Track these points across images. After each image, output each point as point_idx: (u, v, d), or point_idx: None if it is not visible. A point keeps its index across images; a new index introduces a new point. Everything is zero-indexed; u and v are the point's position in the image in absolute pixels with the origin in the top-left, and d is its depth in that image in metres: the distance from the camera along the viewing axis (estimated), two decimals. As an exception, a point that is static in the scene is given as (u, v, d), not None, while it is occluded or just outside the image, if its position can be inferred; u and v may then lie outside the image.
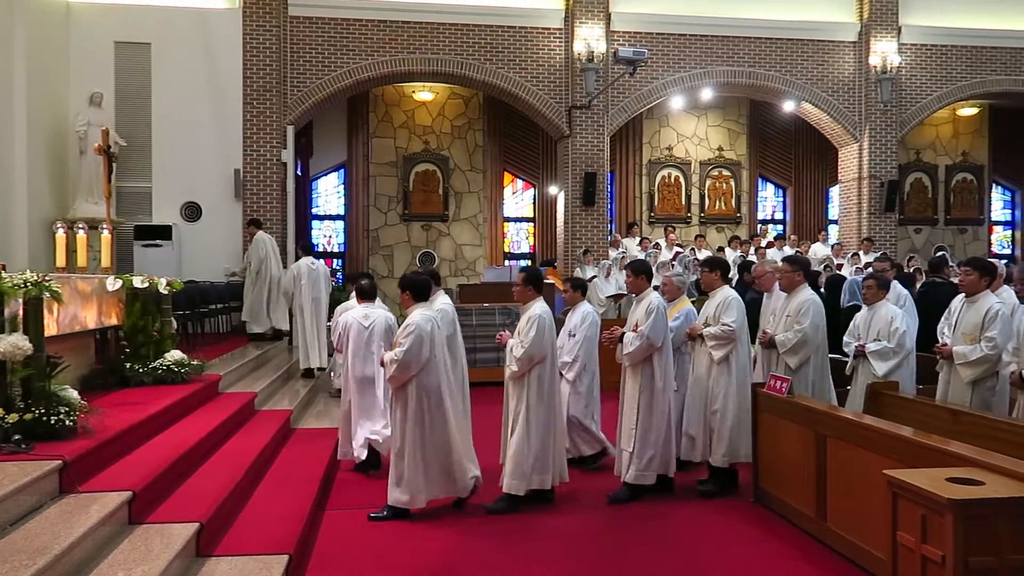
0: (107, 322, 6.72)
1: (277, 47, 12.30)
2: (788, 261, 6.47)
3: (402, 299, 5.66)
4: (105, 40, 11.79)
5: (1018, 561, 3.27)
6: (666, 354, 5.79)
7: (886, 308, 6.19)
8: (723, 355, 5.94)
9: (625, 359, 5.82)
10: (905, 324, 6.04)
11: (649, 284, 5.99)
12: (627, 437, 5.78)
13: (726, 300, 6.02)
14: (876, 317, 6.17)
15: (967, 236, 17.44)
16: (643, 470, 5.72)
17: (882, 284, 6.32)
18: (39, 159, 10.75)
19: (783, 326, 6.10)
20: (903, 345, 5.98)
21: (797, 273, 6.16)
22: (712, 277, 6.26)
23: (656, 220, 16.29)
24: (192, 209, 12.04)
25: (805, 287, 6.18)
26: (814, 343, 5.97)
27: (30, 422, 4.37)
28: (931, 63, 14.57)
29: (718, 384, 5.96)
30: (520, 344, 5.52)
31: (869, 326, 6.21)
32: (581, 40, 13.02)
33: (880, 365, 5.98)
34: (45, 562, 3.19)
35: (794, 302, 6.11)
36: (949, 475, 3.54)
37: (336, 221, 15.88)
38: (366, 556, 4.71)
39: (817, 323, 5.97)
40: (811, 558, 4.71)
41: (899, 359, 5.97)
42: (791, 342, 5.97)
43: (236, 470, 5.27)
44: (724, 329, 5.90)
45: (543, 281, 6.02)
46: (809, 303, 6.01)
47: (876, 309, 6.22)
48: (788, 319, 6.09)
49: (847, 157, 14.92)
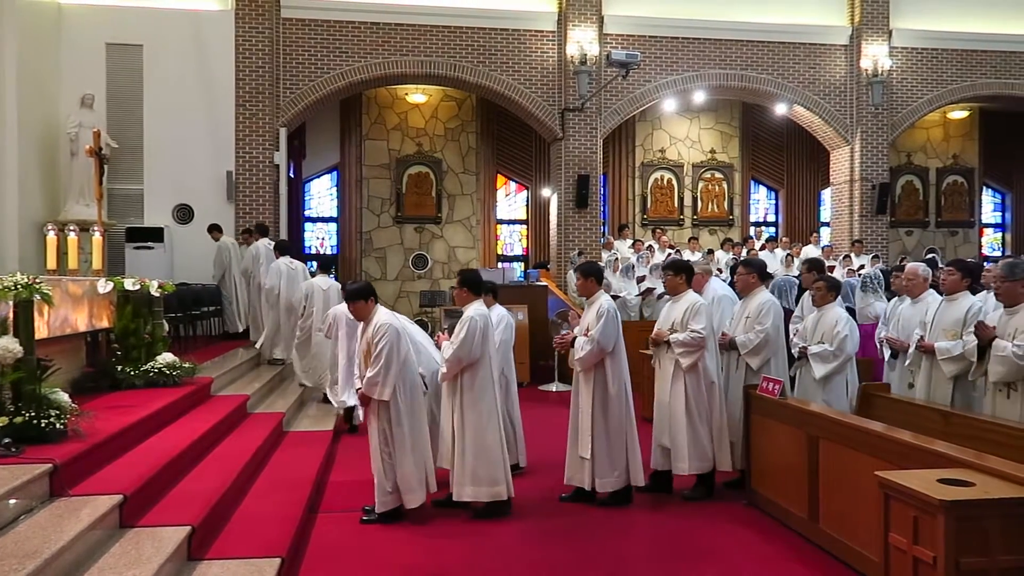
0: (98, 325, 6.69)
1: (270, 49, 12.28)
2: (743, 264, 6.43)
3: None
4: (97, 42, 11.74)
5: (1009, 562, 3.28)
6: (619, 358, 5.69)
7: (833, 311, 6.12)
8: (691, 362, 5.80)
9: (577, 364, 5.71)
10: (848, 329, 5.98)
11: (599, 287, 5.87)
12: (584, 444, 5.65)
13: (694, 305, 5.89)
14: (823, 320, 6.12)
15: (958, 238, 17.53)
16: (603, 476, 5.62)
17: (831, 287, 6.26)
18: (30, 161, 10.69)
19: (743, 328, 6.08)
20: (843, 349, 5.92)
21: (752, 275, 6.16)
22: (676, 281, 6.10)
23: (649, 222, 16.31)
24: (184, 211, 12.00)
25: (762, 289, 6.19)
26: (775, 344, 5.99)
27: (20, 425, 4.35)
28: (922, 66, 14.65)
29: (691, 391, 5.82)
30: (450, 345, 5.50)
31: (816, 328, 6.17)
32: (574, 43, 13.04)
33: (819, 368, 5.94)
34: (35, 566, 3.17)
35: (753, 304, 6.10)
36: (940, 476, 3.56)
37: (329, 223, 15.85)
38: (359, 559, 4.70)
39: (777, 324, 5.99)
40: (804, 559, 4.72)
41: (838, 363, 5.92)
42: (752, 343, 5.96)
43: (228, 473, 5.25)
44: (694, 336, 5.76)
45: (480, 283, 5.85)
46: (769, 304, 6.03)
47: (824, 312, 6.15)
48: (748, 320, 6.07)
49: (839, 160, 14.98)
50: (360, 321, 5.50)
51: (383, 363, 5.20)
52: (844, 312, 6.24)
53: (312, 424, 8.08)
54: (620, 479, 5.67)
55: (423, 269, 15.54)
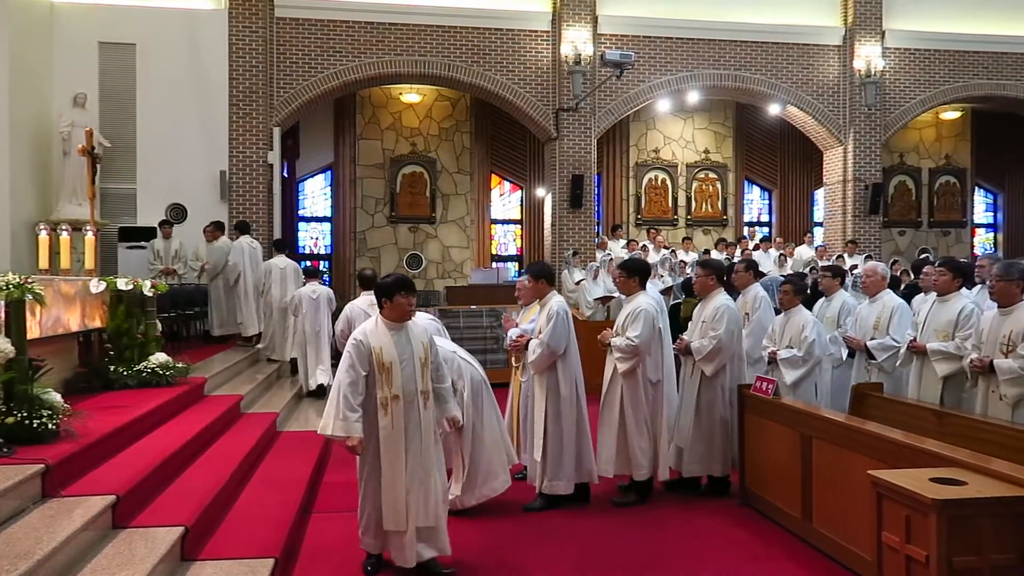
0: (91, 325, 6.66)
1: (263, 48, 12.25)
2: (700, 265, 6.25)
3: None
4: (89, 40, 11.69)
5: (1001, 560, 3.30)
6: (570, 360, 5.63)
7: (800, 315, 6.10)
8: (628, 368, 5.68)
9: (530, 367, 5.67)
10: (816, 333, 5.97)
11: (551, 288, 5.79)
12: (537, 447, 5.62)
13: (635, 311, 5.69)
14: (790, 324, 6.11)
15: (950, 238, 17.61)
16: (554, 479, 5.58)
17: (798, 290, 6.24)
18: (22, 160, 10.64)
19: (699, 332, 5.90)
20: (812, 354, 5.91)
21: (710, 277, 5.99)
22: (630, 283, 5.94)
23: (643, 222, 16.33)
24: (177, 211, 11.96)
25: (720, 292, 5.99)
26: (729, 350, 5.80)
27: (12, 425, 4.32)
28: (914, 67, 14.70)
29: (627, 397, 5.73)
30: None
31: (783, 332, 6.14)
32: (568, 43, 13.04)
33: (789, 373, 5.92)
34: (27, 567, 3.15)
35: (709, 307, 5.92)
36: (933, 475, 3.57)
37: (323, 223, 15.83)
38: (352, 559, 4.69)
39: (732, 329, 5.79)
40: (797, 559, 4.73)
41: (808, 368, 5.91)
42: (706, 349, 5.78)
43: (221, 473, 5.23)
44: (627, 344, 5.61)
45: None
46: (723, 309, 5.81)
47: (790, 315, 6.13)
48: (704, 325, 5.88)
49: (832, 160, 15.03)
50: None
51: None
52: (811, 315, 6.21)
53: (306, 424, 8.06)
54: (570, 483, 5.61)
55: (417, 269, 15.53)
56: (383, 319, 4.35)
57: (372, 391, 4.25)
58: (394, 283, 4.33)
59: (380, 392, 4.23)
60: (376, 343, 4.27)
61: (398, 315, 4.34)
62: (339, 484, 6.32)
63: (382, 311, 4.36)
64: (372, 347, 4.25)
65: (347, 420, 4.14)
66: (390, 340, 4.29)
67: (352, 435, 4.14)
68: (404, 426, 4.26)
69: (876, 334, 6.15)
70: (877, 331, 6.16)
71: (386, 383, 4.23)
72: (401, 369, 4.26)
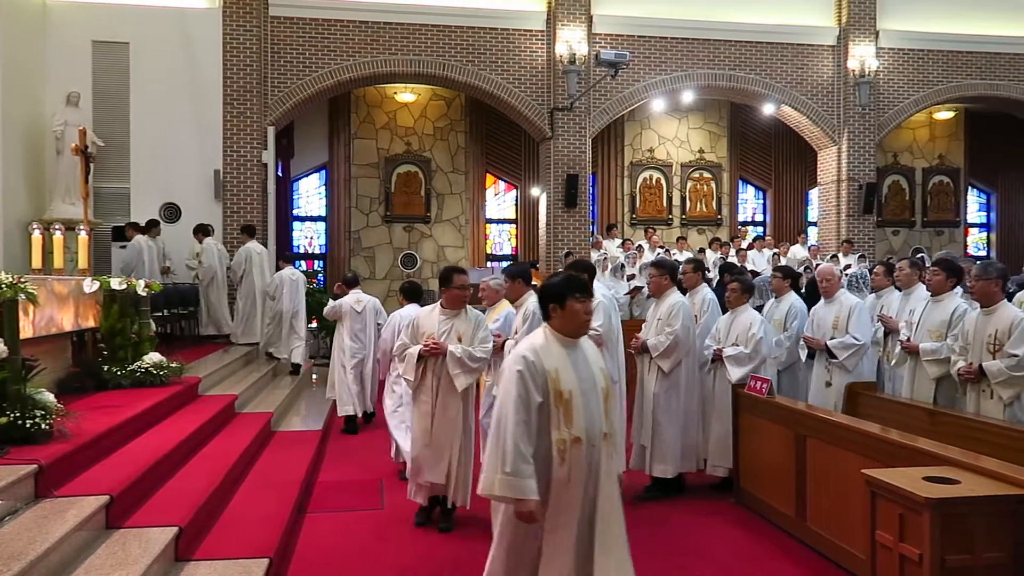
0: (84, 324, 6.64)
1: (257, 47, 12.22)
2: (654, 265, 6.35)
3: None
4: (82, 39, 11.64)
5: (993, 559, 3.32)
6: None
7: (747, 313, 6.10)
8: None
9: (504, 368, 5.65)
10: (763, 331, 5.96)
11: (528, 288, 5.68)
12: None
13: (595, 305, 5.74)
14: (736, 322, 6.10)
15: (944, 238, 17.67)
16: None
17: (745, 288, 6.24)
18: (15, 159, 10.59)
19: (655, 330, 6.00)
20: (758, 351, 5.91)
21: (664, 277, 6.08)
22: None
23: (638, 222, 16.35)
24: (171, 210, 11.92)
25: (674, 290, 6.10)
26: (685, 346, 5.92)
27: (5, 426, 4.31)
28: (908, 67, 14.75)
29: None
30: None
31: (729, 330, 6.14)
32: (563, 42, 13.05)
33: (734, 370, 5.92)
34: (20, 568, 3.15)
35: (664, 305, 6.03)
36: (926, 474, 3.58)
37: (317, 222, 15.80)
38: (347, 559, 4.69)
39: (688, 325, 5.93)
40: (792, 558, 4.75)
41: (753, 365, 5.91)
42: (663, 346, 5.88)
43: (216, 473, 5.23)
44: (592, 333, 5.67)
45: None
46: (679, 306, 5.94)
47: (737, 313, 6.13)
48: (659, 323, 5.99)
49: (826, 160, 15.06)
50: None
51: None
52: (758, 314, 6.20)
53: (300, 424, 8.06)
54: None
55: (412, 268, 15.51)
56: (553, 333, 3.30)
57: (543, 429, 3.15)
58: (566, 283, 3.31)
59: (556, 432, 3.13)
60: (550, 364, 3.19)
61: (573, 326, 3.29)
62: (333, 484, 6.33)
63: (550, 321, 3.34)
64: (547, 369, 3.17)
65: (518, 475, 3.02)
66: (567, 361, 3.22)
67: (526, 496, 3.02)
68: (584, 479, 3.13)
69: (836, 333, 6.15)
70: (836, 330, 6.16)
71: (565, 420, 3.13)
72: (584, 402, 3.17)
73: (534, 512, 3.02)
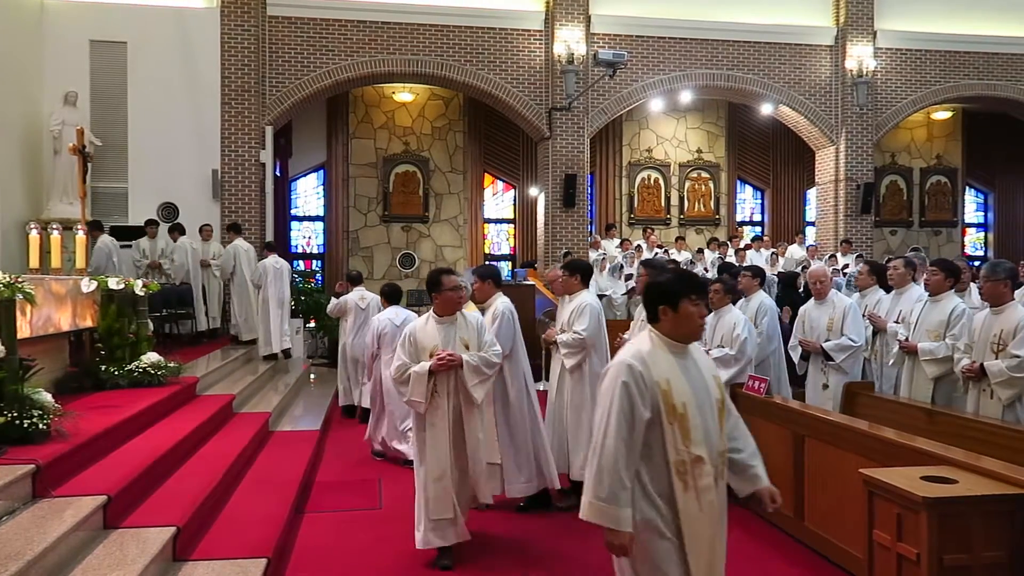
0: (82, 324, 6.63)
1: (256, 47, 12.21)
2: (644, 264, 6.29)
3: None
4: (80, 39, 11.62)
5: (991, 558, 3.32)
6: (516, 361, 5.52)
7: (731, 314, 6.08)
8: (575, 363, 5.65)
9: None
10: (747, 331, 5.94)
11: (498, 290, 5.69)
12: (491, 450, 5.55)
13: (580, 306, 5.68)
14: (721, 323, 6.07)
15: (941, 238, 17.69)
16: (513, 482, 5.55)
17: (728, 289, 6.21)
18: (12, 159, 10.58)
19: (637, 330, 5.78)
20: (744, 352, 5.88)
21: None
22: (572, 282, 5.88)
23: (636, 222, 16.36)
24: (169, 210, 11.91)
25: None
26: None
27: (3, 425, 4.30)
28: (906, 67, 14.76)
29: (573, 393, 5.67)
30: None
31: (714, 332, 6.12)
32: (561, 42, 13.05)
33: (721, 372, 5.89)
34: (17, 568, 3.14)
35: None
36: (924, 474, 3.59)
37: (315, 222, 15.79)
38: (345, 559, 4.69)
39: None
40: (790, 557, 4.75)
41: (740, 366, 5.88)
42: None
43: (214, 473, 5.22)
44: (575, 337, 5.59)
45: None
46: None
47: (721, 315, 6.10)
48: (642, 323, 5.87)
49: (824, 160, 15.07)
50: None
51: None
52: (742, 314, 6.18)
53: (298, 424, 8.05)
54: (531, 484, 5.51)
55: (410, 268, 15.51)
56: (661, 338, 2.86)
57: (657, 450, 2.74)
58: (681, 282, 2.88)
59: (673, 452, 2.73)
60: (660, 374, 2.76)
61: (687, 331, 2.87)
62: (331, 484, 6.32)
63: (657, 324, 2.88)
64: (657, 380, 2.75)
65: (613, 503, 2.66)
66: (677, 370, 2.81)
67: (620, 527, 2.66)
68: (711, 507, 2.80)
69: (830, 335, 6.15)
70: (831, 332, 6.15)
71: (682, 438, 2.73)
72: (700, 416, 2.78)
73: (626, 546, 2.67)
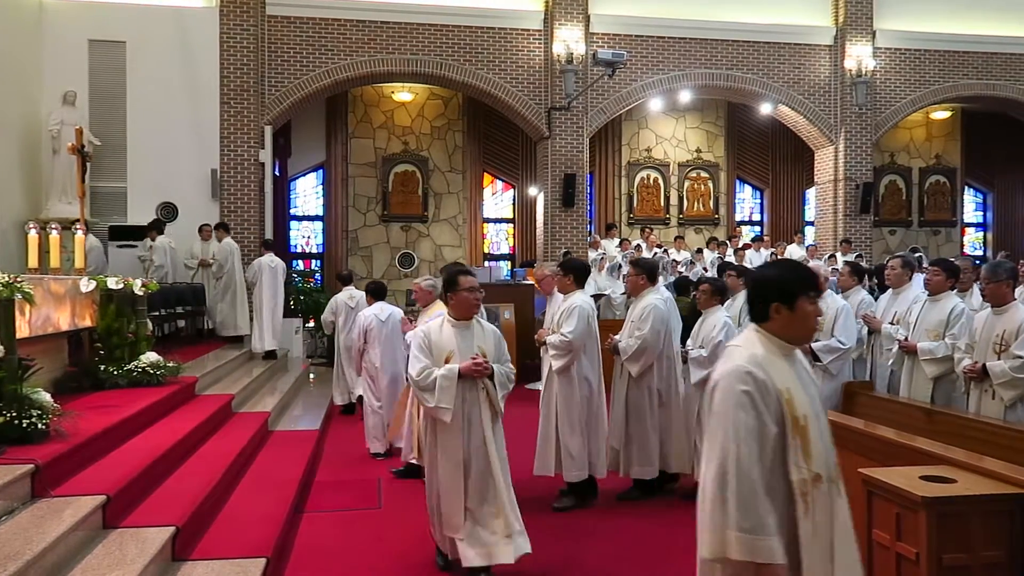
0: (81, 324, 6.63)
1: (255, 46, 12.20)
2: (631, 264, 6.30)
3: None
4: (79, 38, 11.61)
5: (990, 558, 3.32)
6: None
7: (715, 315, 6.03)
8: (561, 365, 5.62)
9: None
10: (724, 335, 5.86)
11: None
12: None
13: (570, 308, 5.66)
14: (705, 324, 6.05)
15: (940, 237, 17.70)
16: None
17: (716, 290, 6.16)
18: (11, 159, 10.57)
19: (627, 332, 5.92)
20: (716, 355, 5.86)
21: (640, 277, 5.99)
22: (565, 281, 5.84)
23: (635, 221, 16.36)
24: (168, 209, 11.90)
25: (650, 291, 5.97)
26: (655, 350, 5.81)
27: (2, 425, 4.30)
28: (905, 67, 14.77)
29: (561, 395, 5.66)
30: None
31: (698, 332, 6.10)
32: (560, 42, 13.04)
33: (695, 373, 5.88)
34: (16, 568, 3.14)
35: (638, 307, 5.96)
36: (923, 473, 3.59)
37: (315, 222, 15.78)
38: (344, 559, 4.68)
39: (658, 329, 5.80)
40: (788, 556, 4.74)
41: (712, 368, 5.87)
42: (631, 349, 5.81)
43: (213, 473, 5.22)
44: (561, 339, 5.59)
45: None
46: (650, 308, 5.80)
47: (707, 316, 6.08)
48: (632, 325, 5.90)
49: (823, 159, 15.08)
50: None
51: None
52: (725, 317, 6.15)
53: (298, 423, 8.05)
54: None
55: (409, 268, 15.51)
56: (772, 340, 2.50)
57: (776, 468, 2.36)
58: (798, 278, 2.50)
59: (795, 471, 2.35)
60: (781, 382, 2.40)
61: (801, 333, 2.54)
62: (331, 483, 6.32)
63: (767, 323, 2.51)
64: (779, 389, 2.38)
65: (761, 533, 2.26)
66: (794, 377, 2.46)
67: (774, 560, 2.26)
68: (828, 531, 2.39)
69: (820, 336, 6.13)
70: (821, 333, 6.13)
71: (804, 453, 2.36)
72: (818, 428, 2.44)
73: None
